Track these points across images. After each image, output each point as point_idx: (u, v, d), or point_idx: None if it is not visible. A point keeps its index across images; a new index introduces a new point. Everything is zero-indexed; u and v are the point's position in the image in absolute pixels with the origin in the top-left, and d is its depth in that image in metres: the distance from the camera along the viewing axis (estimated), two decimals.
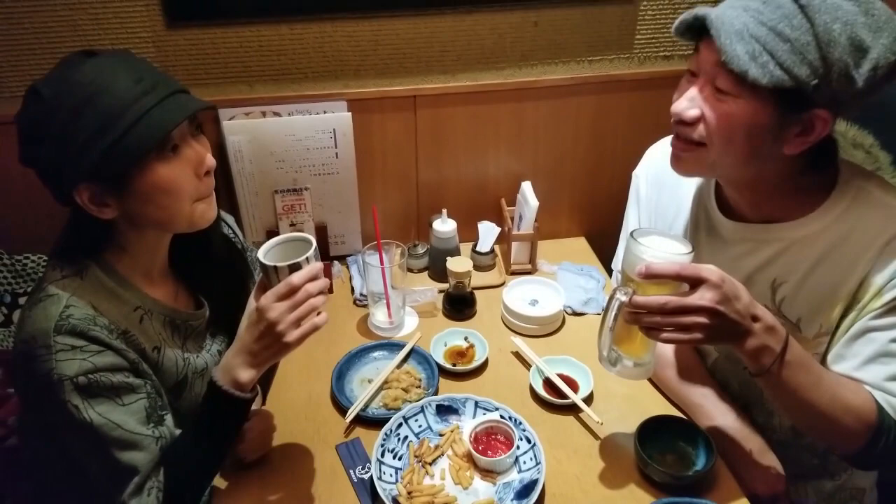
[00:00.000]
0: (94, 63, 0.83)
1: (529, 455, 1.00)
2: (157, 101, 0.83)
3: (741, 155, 0.86)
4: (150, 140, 0.82)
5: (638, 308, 0.82)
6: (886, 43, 0.78)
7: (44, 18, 1.20)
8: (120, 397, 0.86)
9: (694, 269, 0.79)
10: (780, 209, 0.93)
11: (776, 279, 0.95)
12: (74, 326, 0.83)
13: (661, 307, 0.80)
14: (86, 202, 0.85)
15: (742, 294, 0.81)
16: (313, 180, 1.39)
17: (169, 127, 0.83)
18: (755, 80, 0.78)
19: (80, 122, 0.80)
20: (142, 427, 0.87)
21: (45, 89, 0.82)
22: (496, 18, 1.33)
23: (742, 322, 0.80)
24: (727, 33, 0.79)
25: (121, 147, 0.81)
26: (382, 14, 1.29)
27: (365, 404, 1.09)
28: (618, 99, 1.43)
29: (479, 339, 1.24)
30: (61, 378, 0.81)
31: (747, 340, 0.82)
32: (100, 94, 0.81)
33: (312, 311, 0.86)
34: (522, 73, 1.39)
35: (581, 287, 1.39)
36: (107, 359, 0.85)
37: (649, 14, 1.37)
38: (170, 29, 1.24)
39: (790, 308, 0.95)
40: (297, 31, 1.28)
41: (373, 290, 1.27)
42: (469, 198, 1.50)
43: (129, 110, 0.81)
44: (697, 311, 0.79)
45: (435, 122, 1.40)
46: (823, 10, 0.76)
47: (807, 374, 0.85)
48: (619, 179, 1.52)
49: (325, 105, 1.34)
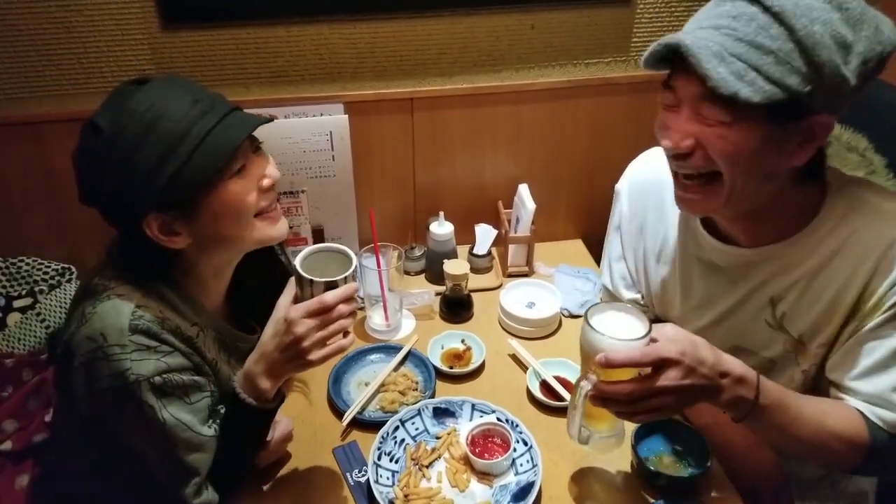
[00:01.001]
0: (148, 89, 0.83)
1: (526, 457, 1.00)
2: (217, 120, 0.83)
3: (753, 177, 0.81)
4: (218, 160, 0.82)
5: (603, 395, 0.82)
6: (868, 34, 0.75)
7: (38, 20, 1.19)
8: (188, 395, 0.87)
9: (654, 353, 0.78)
10: (773, 231, 0.90)
11: (774, 297, 0.94)
12: (148, 327, 0.83)
13: (628, 396, 0.80)
14: (156, 233, 0.84)
15: (706, 356, 0.80)
16: (310, 183, 1.39)
17: (234, 145, 0.83)
18: (747, 99, 0.73)
19: (143, 150, 0.80)
20: (205, 427, 0.89)
21: (103, 121, 0.81)
22: (493, 21, 1.33)
23: (710, 384, 0.80)
24: (707, 57, 0.74)
25: (187, 171, 0.81)
26: (380, 16, 1.29)
27: (362, 407, 1.09)
28: (615, 102, 1.43)
29: (475, 342, 1.24)
30: (139, 378, 0.82)
31: (720, 396, 0.82)
32: (159, 119, 0.81)
33: (340, 331, 0.86)
34: (519, 75, 1.40)
35: (578, 289, 1.39)
36: (177, 359, 0.86)
37: (646, 17, 1.37)
38: (165, 31, 1.24)
39: (791, 323, 0.94)
40: (293, 33, 1.28)
41: (370, 293, 1.27)
42: (466, 200, 1.51)
43: (191, 133, 0.81)
44: (664, 392, 0.79)
45: (432, 125, 1.41)
46: (798, 13, 0.73)
47: (786, 413, 0.85)
48: (615, 181, 1.52)
49: (321, 108, 1.34)
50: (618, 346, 0.80)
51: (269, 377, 0.87)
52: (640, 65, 0.85)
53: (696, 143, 0.81)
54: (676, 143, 0.82)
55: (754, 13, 0.75)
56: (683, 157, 0.82)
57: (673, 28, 1.38)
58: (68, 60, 1.24)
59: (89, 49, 1.24)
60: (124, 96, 0.83)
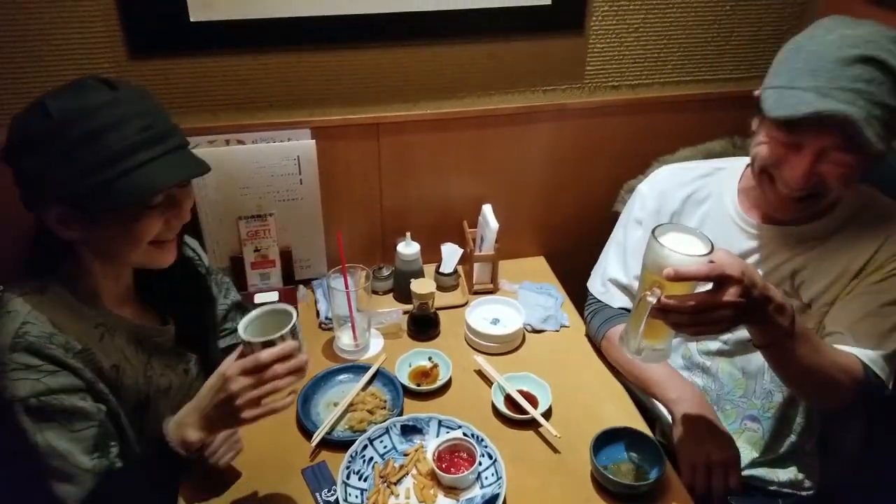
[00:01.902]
0: (113, 97, 0.83)
1: (491, 470, 1.04)
2: (160, 154, 0.84)
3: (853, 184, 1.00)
4: (140, 193, 0.83)
5: (668, 308, 0.85)
6: None
7: (7, 50, 1.20)
8: (71, 423, 0.84)
9: (719, 269, 0.83)
10: (809, 213, 1.06)
11: (795, 269, 1.08)
12: (31, 344, 0.82)
13: (693, 308, 0.84)
14: (52, 219, 0.85)
15: (757, 280, 0.87)
16: (278, 206, 1.41)
17: (163, 187, 0.85)
18: (880, 151, 0.89)
19: (77, 154, 0.81)
20: (85, 458, 0.85)
21: (55, 107, 0.81)
22: (455, 51, 1.38)
23: (759, 305, 0.87)
24: (865, 127, 0.88)
25: (110, 189, 0.82)
26: (346, 46, 1.33)
27: (331, 427, 1.11)
28: (571, 126, 1.50)
29: (442, 359, 1.27)
30: (13, 398, 0.80)
31: (761, 319, 0.89)
32: (106, 132, 0.81)
33: (275, 392, 0.85)
34: (481, 101, 1.45)
35: (540, 305, 1.44)
36: (60, 379, 0.84)
37: (598, 47, 1.44)
38: (133, 59, 1.26)
39: (806, 291, 1.08)
40: (261, 61, 1.32)
41: (338, 314, 1.29)
42: (432, 221, 1.55)
43: (129, 159, 0.82)
44: (724, 306, 0.84)
45: (398, 149, 1.45)
46: None
47: (808, 344, 0.95)
48: (574, 200, 1.59)
49: (289, 133, 1.37)
50: (687, 261, 0.84)
51: (200, 430, 0.87)
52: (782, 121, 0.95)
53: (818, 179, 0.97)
54: (805, 185, 0.96)
55: (885, 78, 0.89)
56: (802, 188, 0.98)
57: (623, 56, 1.46)
58: (36, 90, 1.25)
59: (56, 78, 1.24)
60: (87, 92, 0.83)
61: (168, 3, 1.21)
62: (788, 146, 0.96)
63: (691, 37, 1.48)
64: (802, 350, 0.94)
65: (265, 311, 0.91)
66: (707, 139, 1.36)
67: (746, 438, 1.17)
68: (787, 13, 1.48)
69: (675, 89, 1.52)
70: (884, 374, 1.00)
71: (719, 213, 1.15)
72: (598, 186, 1.52)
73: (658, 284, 0.86)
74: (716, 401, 1.18)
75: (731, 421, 1.18)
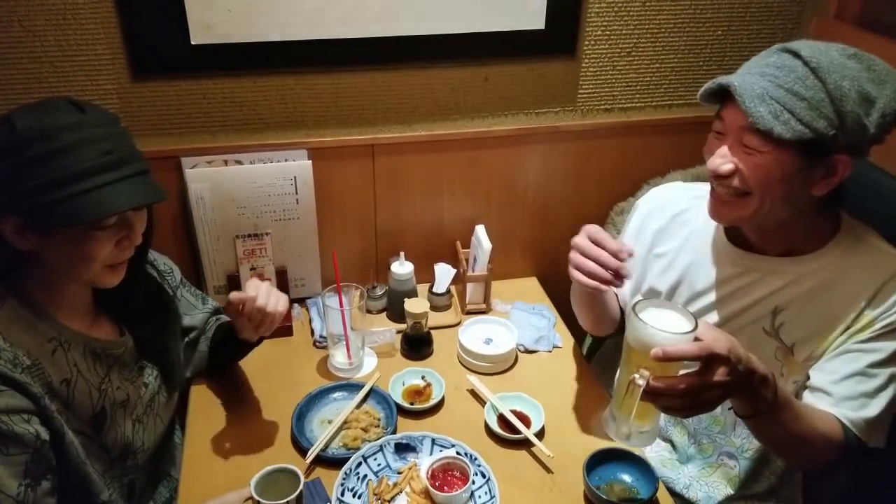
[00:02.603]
0: (77, 120, 0.86)
1: (484, 489, 1.04)
2: (117, 178, 0.87)
3: (778, 199, 0.95)
4: (92, 213, 0.86)
5: (657, 392, 0.84)
6: (890, 93, 0.90)
7: (8, 70, 1.22)
8: (6, 446, 0.83)
9: (707, 348, 0.82)
10: (792, 246, 1.03)
11: (777, 306, 1.04)
12: None
13: (684, 392, 0.83)
14: (7, 230, 0.87)
15: (741, 354, 0.85)
16: (274, 225, 1.43)
17: (115, 210, 0.88)
18: (780, 135, 0.88)
19: (36, 169, 0.83)
20: (12, 483, 0.83)
21: (20, 123, 0.84)
22: (449, 74, 1.41)
23: (744, 381, 0.86)
24: (751, 98, 0.89)
25: (63, 208, 0.84)
26: (342, 69, 1.36)
27: (325, 445, 1.12)
28: (563, 148, 1.53)
29: (435, 378, 1.28)
30: None
31: (746, 393, 0.88)
32: (67, 153, 0.84)
33: None
34: (475, 123, 1.48)
35: (533, 325, 1.45)
36: (5, 399, 0.83)
37: (590, 70, 1.48)
38: (135, 81, 1.28)
39: (787, 333, 1.04)
40: (259, 83, 1.34)
41: (332, 332, 1.30)
42: (426, 241, 1.56)
43: (84, 181, 0.85)
44: (714, 386, 0.83)
45: (392, 170, 1.47)
46: (832, 70, 0.88)
47: (789, 412, 0.93)
48: (565, 222, 1.60)
49: (286, 153, 1.39)
50: (673, 340, 0.82)
51: None
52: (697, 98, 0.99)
53: (735, 168, 0.95)
54: (718, 166, 0.96)
55: (795, 66, 0.90)
56: (724, 178, 0.96)
57: (616, 80, 1.50)
58: None
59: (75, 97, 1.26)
60: (54, 112, 0.86)
61: (170, 26, 1.24)
62: (717, 136, 0.98)
63: (683, 61, 1.51)
64: (784, 418, 0.92)
65: (272, 471, 0.96)
66: (698, 163, 1.38)
67: (722, 474, 1.15)
68: (778, 38, 1.52)
69: (668, 113, 1.55)
70: (867, 436, 0.97)
71: (703, 235, 1.14)
72: (590, 208, 1.54)
73: (645, 365, 0.84)
74: (693, 434, 1.17)
75: (707, 455, 1.16)
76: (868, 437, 0.97)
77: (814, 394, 1.01)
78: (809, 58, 0.89)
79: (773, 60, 0.92)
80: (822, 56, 0.89)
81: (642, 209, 1.24)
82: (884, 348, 0.97)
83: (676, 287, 1.15)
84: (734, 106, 0.91)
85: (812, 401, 1.00)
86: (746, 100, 0.89)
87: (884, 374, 0.97)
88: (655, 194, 1.25)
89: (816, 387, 1.00)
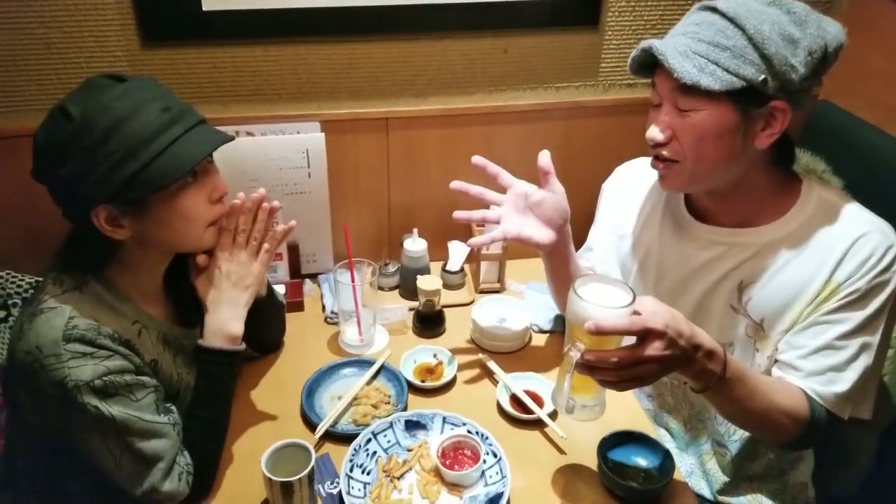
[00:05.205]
0: (124, 88, 0.86)
1: (495, 469, 1.02)
2: (184, 131, 0.87)
3: (716, 159, 0.93)
4: (176, 171, 0.86)
5: (590, 365, 0.84)
6: (813, 31, 0.89)
7: (17, 36, 1.20)
8: (133, 394, 0.89)
9: (641, 323, 0.81)
10: (751, 214, 1.01)
11: (743, 281, 1.02)
12: (83, 335, 0.85)
13: (616, 364, 0.83)
14: (102, 223, 0.87)
15: (684, 329, 0.84)
16: (286, 199, 1.40)
17: (196, 159, 0.87)
18: (708, 87, 0.87)
19: (108, 146, 0.83)
20: (158, 415, 0.91)
21: (75, 109, 0.84)
22: (467, 45, 1.37)
23: (686, 355, 0.85)
24: (673, 55, 0.89)
25: (146, 174, 0.84)
26: (357, 38, 1.33)
27: (335, 420, 1.10)
28: (583, 125, 1.48)
29: (447, 357, 1.26)
30: (77, 384, 0.83)
31: (691, 367, 0.87)
32: (129, 119, 0.84)
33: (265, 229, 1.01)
34: (492, 98, 1.44)
35: (547, 306, 1.42)
36: (116, 362, 0.88)
37: (613, 43, 1.43)
38: (145, 48, 1.26)
39: (755, 308, 1.02)
40: (271, 52, 1.31)
41: (344, 308, 1.28)
42: (440, 218, 1.52)
43: (158, 139, 0.85)
44: (648, 360, 0.82)
45: (407, 144, 1.44)
46: (750, 17, 0.87)
47: (743, 387, 0.91)
48: (584, 202, 1.56)
49: (298, 125, 1.36)
50: (606, 314, 0.82)
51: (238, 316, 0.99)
52: (628, 70, 0.98)
53: (671, 136, 0.95)
54: (655, 135, 0.96)
55: (714, 19, 0.90)
56: (660, 146, 0.96)
57: None
58: (47, 76, 1.25)
59: (68, 65, 1.25)
60: (100, 89, 0.86)
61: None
62: (654, 107, 0.97)
63: None
64: (738, 393, 0.90)
65: (283, 445, 0.95)
66: None
67: (717, 461, 1.13)
68: None
69: None
70: (840, 410, 0.95)
71: (665, 211, 1.11)
72: None
73: (581, 338, 0.84)
74: (687, 419, 1.16)
75: (702, 442, 1.15)
76: (842, 411, 0.95)
77: (782, 369, 0.99)
78: (726, 9, 0.89)
79: (692, 19, 0.93)
80: (740, 6, 0.89)
81: (605, 191, 1.23)
82: (851, 318, 0.94)
83: (644, 265, 1.14)
84: (663, 71, 0.91)
85: (780, 375, 0.98)
86: (669, 57, 0.88)
87: (854, 345, 0.95)
88: (616, 174, 1.24)
89: (785, 362, 0.99)
